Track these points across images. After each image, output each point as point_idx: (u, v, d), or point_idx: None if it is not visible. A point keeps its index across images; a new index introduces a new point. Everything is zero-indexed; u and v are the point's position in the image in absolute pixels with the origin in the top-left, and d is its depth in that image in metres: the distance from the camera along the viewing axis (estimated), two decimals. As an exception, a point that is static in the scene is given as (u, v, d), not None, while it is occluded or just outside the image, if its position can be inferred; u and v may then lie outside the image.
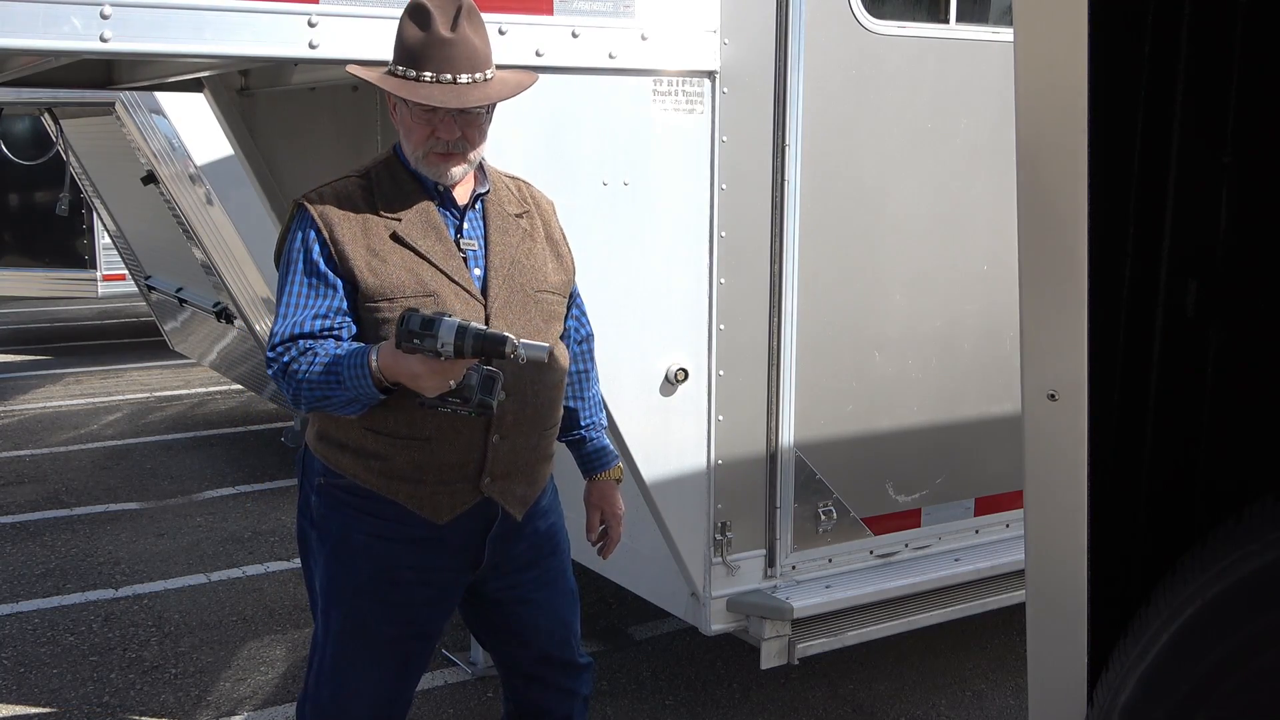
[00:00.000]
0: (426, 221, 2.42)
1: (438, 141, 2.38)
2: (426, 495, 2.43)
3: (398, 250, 2.38)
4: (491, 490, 2.47)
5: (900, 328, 3.76)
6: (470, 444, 2.42)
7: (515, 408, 2.43)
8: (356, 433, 2.42)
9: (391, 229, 2.39)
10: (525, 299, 2.48)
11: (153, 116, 6.09)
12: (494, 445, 2.43)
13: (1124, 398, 1.73)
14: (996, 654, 4.44)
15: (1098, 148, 1.56)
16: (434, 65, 2.32)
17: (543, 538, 2.64)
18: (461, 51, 2.33)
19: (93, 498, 6.43)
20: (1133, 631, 1.67)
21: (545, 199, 2.66)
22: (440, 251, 2.41)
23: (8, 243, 10.32)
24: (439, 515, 2.44)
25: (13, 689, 4.19)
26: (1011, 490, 4.06)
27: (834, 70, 3.48)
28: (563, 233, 2.65)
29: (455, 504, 2.45)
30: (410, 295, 2.35)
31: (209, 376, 9.24)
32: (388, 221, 2.39)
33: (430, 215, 2.43)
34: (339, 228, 2.36)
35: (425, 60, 2.32)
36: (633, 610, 4.71)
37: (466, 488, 2.45)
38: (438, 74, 2.32)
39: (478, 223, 2.48)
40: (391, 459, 2.41)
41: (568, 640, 2.72)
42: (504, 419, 2.42)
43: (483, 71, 2.36)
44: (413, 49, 2.34)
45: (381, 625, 2.51)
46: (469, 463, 2.43)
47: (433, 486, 2.42)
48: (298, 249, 2.39)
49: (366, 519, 2.46)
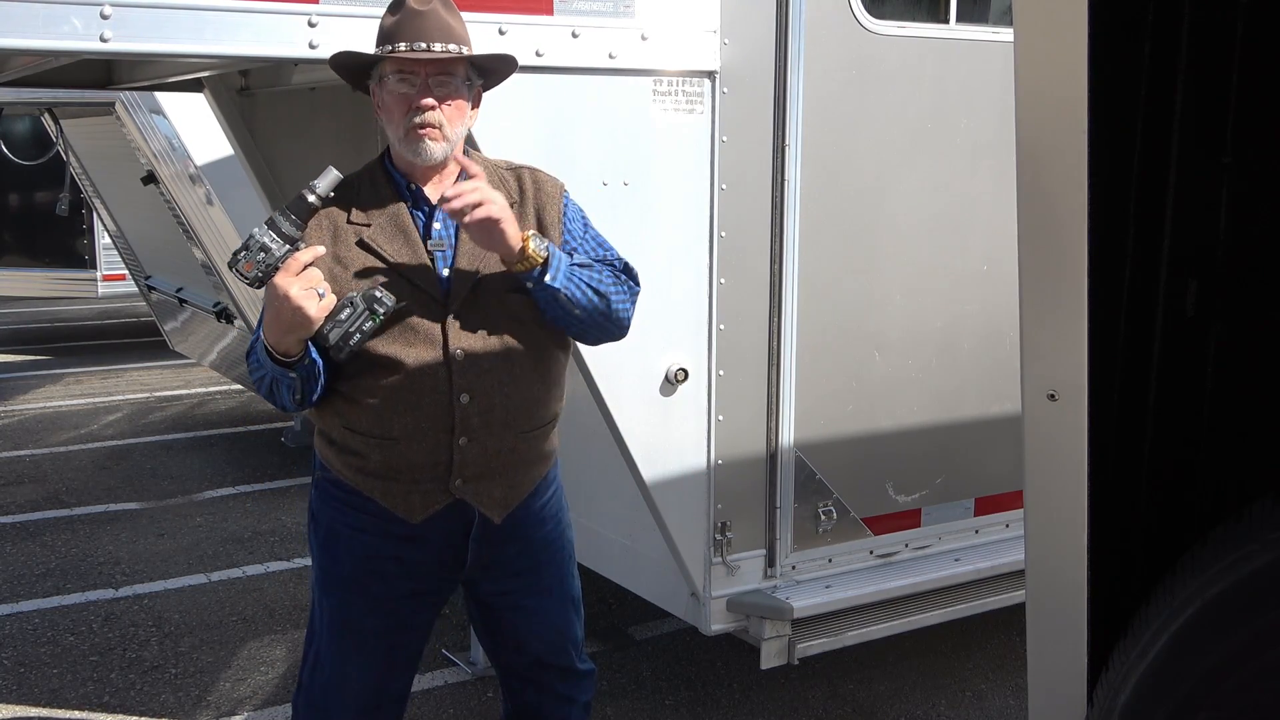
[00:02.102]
0: (395, 225, 2.44)
1: (416, 111, 2.38)
2: (400, 494, 2.45)
3: (362, 255, 2.41)
4: (464, 492, 2.47)
5: (900, 328, 3.76)
6: (436, 445, 2.42)
7: (481, 409, 2.43)
8: (338, 430, 2.47)
9: (359, 235, 2.42)
10: (490, 298, 2.45)
11: (153, 116, 6.10)
12: (461, 447, 2.43)
13: (1124, 398, 1.73)
14: (996, 654, 4.44)
15: (1098, 148, 1.56)
16: (407, 36, 2.36)
17: (538, 544, 2.63)
18: (433, 23, 2.37)
19: (93, 498, 6.43)
20: (1133, 631, 1.67)
21: (551, 182, 2.60)
22: (406, 254, 2.42)
23: (8, 243, 10.32)
24: (412, 514, 2.47)
25: (13, 689, 4.19)
26: (1011, 490, 4.06)
27: (834, 70, 3.48)
28: (563, 215, 2.57)
29: (427, 504, 2.46)
30: None
31: (209, 376, 9.24)
32: (358, 228, 2.43)
33: (400, 218, 2.45)
34: (311, 236, 2.39)
35: (398, 35, 2.36)
36: (633, 610, 4.71)
37: (436, 489, 2.46)
38: (411, 43, 2.36)
39: (450, 221, 2.46)
40: (367, 457, 2.45)
41: (564, 647, 2.71)
42: (469, 421, 2.42)
43: (458, 45, 2.39)
44: (387, 29, 2.40)
45: (365, 617, 2.54)
46: (438, 464, 2.44)
47: (405, 486, 2.45)
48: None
49: (351, 513, 2.50)
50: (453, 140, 2.43)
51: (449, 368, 2.40)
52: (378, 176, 2.50)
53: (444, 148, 2.42)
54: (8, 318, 12.22)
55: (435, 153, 2.42)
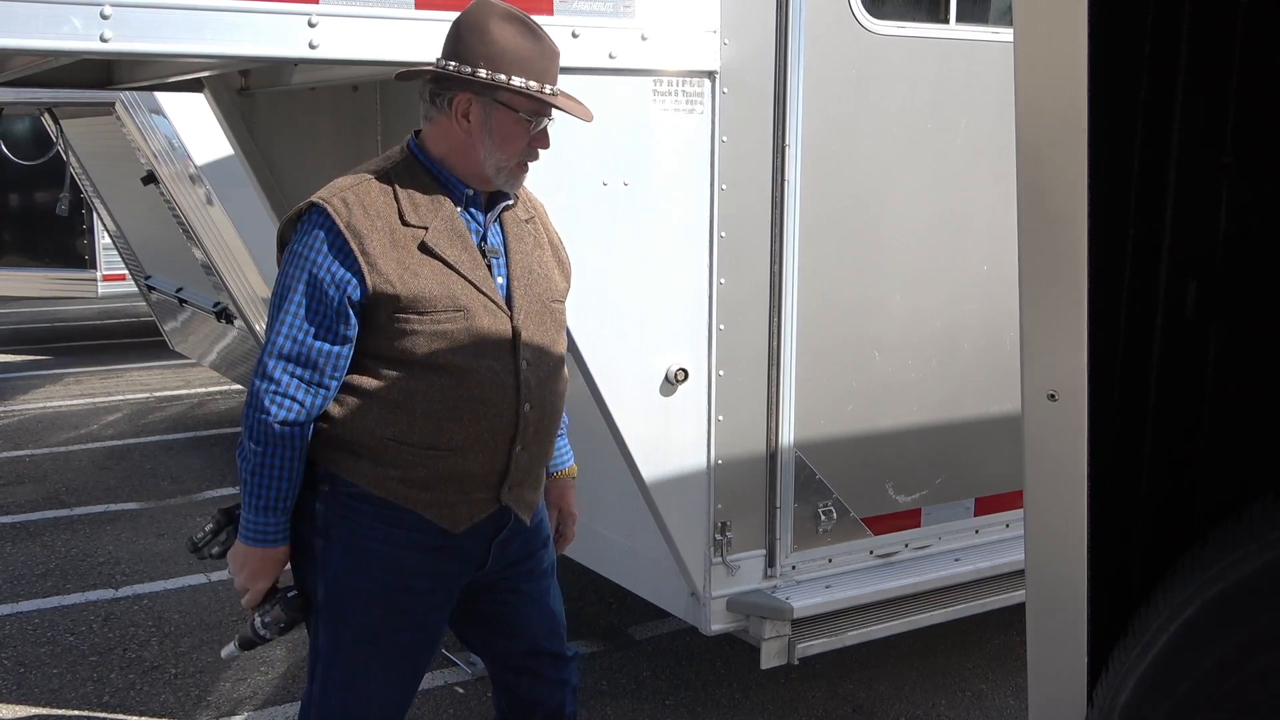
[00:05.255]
0: (453, 229, 2.37)
1: (531, 152, 2.40)
2: (446, 505, 2.40)
3: (427, 261, 2.32)
4: (509, 498, 2.47)
5: (900, 328, 3.76)
6: (495, 455, 2.40)
7: (536, 417, 2.43)
8: (376, 440, 2.36)
9: (419, 238, 2.33)
10: (542, 309, 2.46)
11: (153, 116, 6.10)
12: (517, 455, 2.43)
13: (1124, 398, 1.73)
14: (996, 654, 4.44)
15: (1098, 148, 1.56)
16: (549, 77, 2.37)
17: (531, 532, 2.63)
18: (557, 66, 2.40)
19: (93, 498, 6.43)
20: (1133, 631, 1.67)
21: (539, 201, 2.64)
22: (467, 261, 2.36)
23: (8, 243, 10.32)
24: (456, 524, 2.42)
25: (13, 689, 4.19)
26: (1011, 490, 4.06)
27: (834, 70, 3.48)
28: (558, 236, 2.64)
29: (473, 513, 2.44)
30: (441, 309, 2.31)
31: (209, 376, 9.24)
32: (415, 230, 2.33)
33: (455, 222, 2.38)
34: (369, 239, 2.28)
35: (541, 72, 2.35)
36: (633, 610, 4.71)
37: (487, 497, 2.44)
38: (547, 85, 2.36)
39: (496, 229, 2.46)
40: (412, 469, 2.36)
41: (557, 631, 2.72)
42: (527, 430, 2.42)
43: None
44: (524, 58, 2.34)
45: (395, 632, 2.48)
46: (491, 473, 2.42)
47: (453, 496, 2.40)
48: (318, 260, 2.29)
49: (381, 527, 2.40)
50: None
51: (517, 378, 2.38)
52: (419, 174, 2.40)
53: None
54: (8, 318, 12.22)
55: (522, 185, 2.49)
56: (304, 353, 2.30)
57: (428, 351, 2.31)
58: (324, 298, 2.28)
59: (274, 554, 2.42)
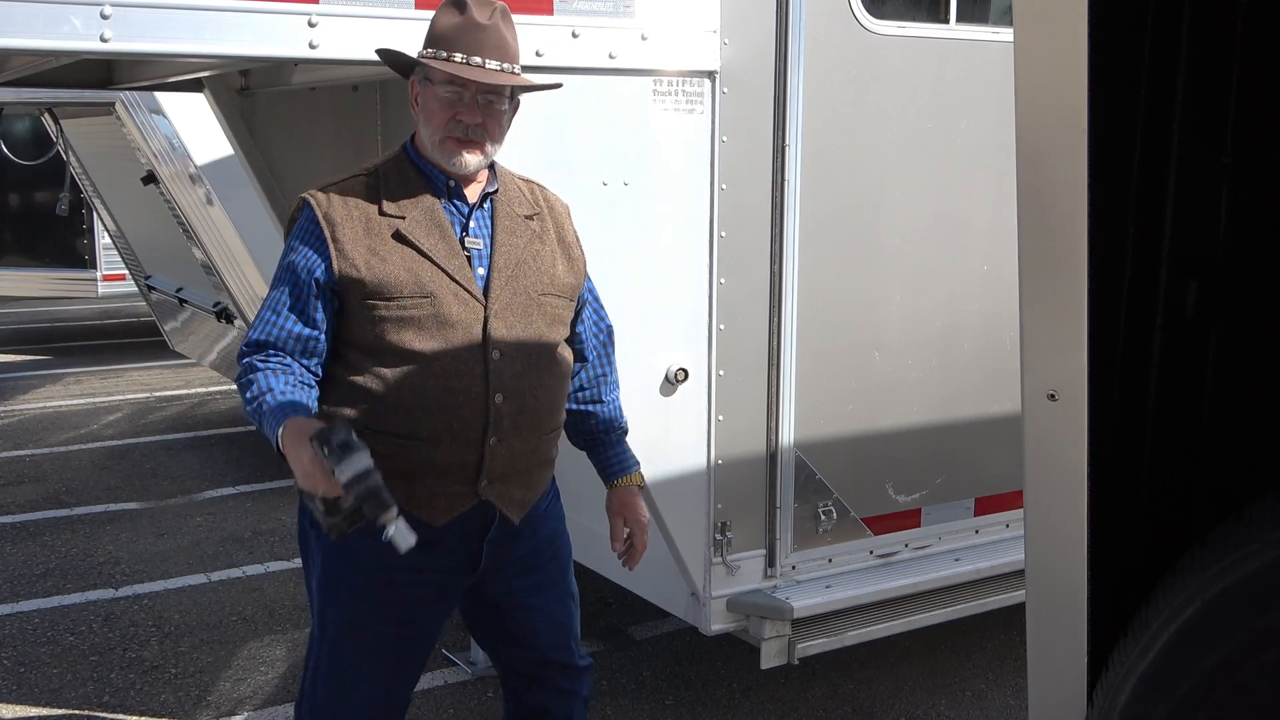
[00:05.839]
0: (431, 219, 2.41)
1: (458, 124, 2.39)
2: (423, 497, 2.41)
3: (399, 249, 2.37)
4: (489, 493, 2.46)
5: (900, 328, 3.76)
6: (468, 446, 2.41)
7: (512, 411, 2.43)
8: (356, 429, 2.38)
9: (395, 227, 2.38)
10: (528, 302, 2.47)
11: (153, 116, 6.10)
12: (491, 448, 2.42)
13: (1124, 398, 1.73)
14: (996, 654, 4.44)
15: (1098, 148, 1.56)
16: (464, 47, 2.35)
17: (543, 542, 2.63)
18: (492, 38, 2.37)
19: (93, 498, 6.43)
20: (1133, 631, 1.67)
21: (560, 202, 2.66)
22: (443, 249, 2.40)
23: (8, 243, 10.32)
24: (435, 517, 2.43)
25: (13, 689, 4.19)
26: (1011, 490, 4.06)
27: (834, 70, 3.48)
28: (576, 235, 2.65)
29: (452, 506, 2.44)
30: (408, 295, 2.35)
31: (209, 376, 9.24)
32: (391, 220, 2.39)
33: (435, 213, 2.43)
34: (341, 227, 2.37)
35: (456, 42, 2.36)
36: (633, 610, 4.71)
37: (464, 490, 2.44)
38: (468, 55, 2.35)
39: (485, 222, 2.48)
40: (389, 458, 2.36)
41: (566, 644, 2.72)
42: (501, 422, 2.42)
43: (511, 64, 2.40)
44: (445, 32, 2.37)
45: (377, 625, 2.50)
46: (467, 465, 2.42)
47: (430, 488, 2.42)
48: (296, 246, 2.41)
49: None
50: (489, 154, 2.45)
51: (486, 368, 2.39)
52: (405, 169, 2.46)
53: (480, 160, 2.44)
54: (8, 318, 12.22)
55: (471, 165, 2.43)
56: (277, 334, 2.40)
57: (396, 338, 2.36)
58: (296, 280, 2.39)
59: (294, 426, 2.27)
